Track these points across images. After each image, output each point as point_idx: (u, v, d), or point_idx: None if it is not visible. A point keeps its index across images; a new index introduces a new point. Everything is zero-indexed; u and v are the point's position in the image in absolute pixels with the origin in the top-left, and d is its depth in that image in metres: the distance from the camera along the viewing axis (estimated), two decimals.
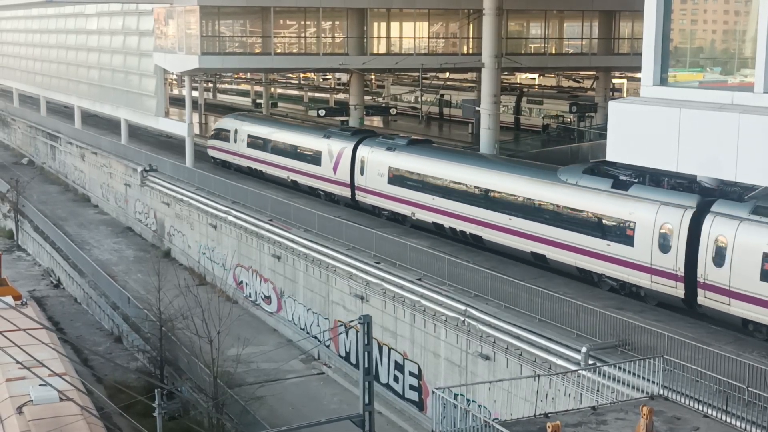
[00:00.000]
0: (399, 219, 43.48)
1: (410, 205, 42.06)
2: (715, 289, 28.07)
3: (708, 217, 28.35)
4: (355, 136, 47.23)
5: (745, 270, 26.90)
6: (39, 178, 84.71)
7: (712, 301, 28.22)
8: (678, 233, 29.25)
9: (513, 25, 70.36)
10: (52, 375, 27.44)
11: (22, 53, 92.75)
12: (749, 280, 26.83)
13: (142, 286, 49.65)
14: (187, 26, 53.99)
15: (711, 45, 21.76)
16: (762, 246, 26.40)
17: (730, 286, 27.48)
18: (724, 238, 27.58)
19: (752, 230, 26.89)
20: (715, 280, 27.98)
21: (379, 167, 43.96)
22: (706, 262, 28.13)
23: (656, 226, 30.05)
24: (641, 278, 30.85)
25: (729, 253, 27.45)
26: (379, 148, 44.68)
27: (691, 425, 20.78)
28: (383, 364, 37.65)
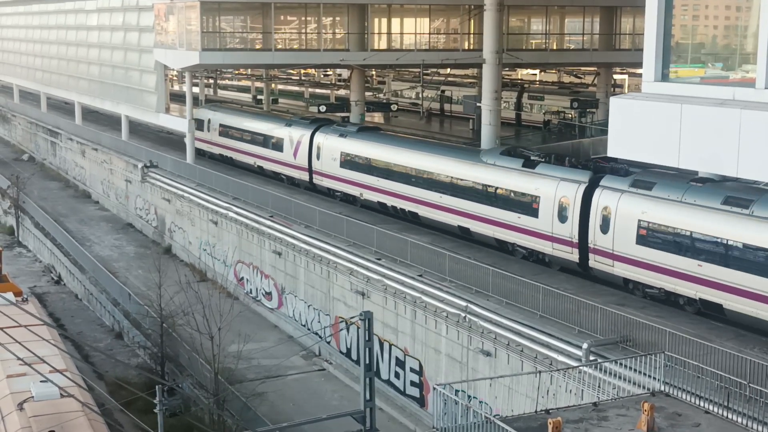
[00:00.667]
0: (350, 200, 47.36)
1: (359, 186, 46.12)
2: (602, 253, 32.01)
3: (597, 190, 32.24)
4: (313, 124, 51.39)
5: (625, 235, 30.89)
6: (39, 174, 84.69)
7: (600, 263, 32.19)
8: (573, 205, 33.21)
9: (514, 20, 70.27)
10: (52, 371, 27.42)
11: (23, 49, 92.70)
12: (628, 244, 30.80)
13: (143, 282, 49.65)
14: (188, 22, 53.93)
15: (712, 41, 21.72)
16: (637, 214, 30.49)
17: (613, 249, 31.44)
18: (609, 208, 31.56)
19: (630, 201, 30.91)
20: (601, 245, 31.93)
21: (333, 152, 48.01)
22: (595, 230, 32.08)
23: (556, 199, 34.03)
24: (545, 246, 34.79)
25: (612, 221, 31.44)
26: (333, 135, 48.80)
27: (693, 421, 20.76)
28: (384, 361, 37.66)
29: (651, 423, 20.01)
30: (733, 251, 27.69)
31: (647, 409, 19.97)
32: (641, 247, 30.39)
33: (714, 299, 28.44)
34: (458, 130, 67.91)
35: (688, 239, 29.07)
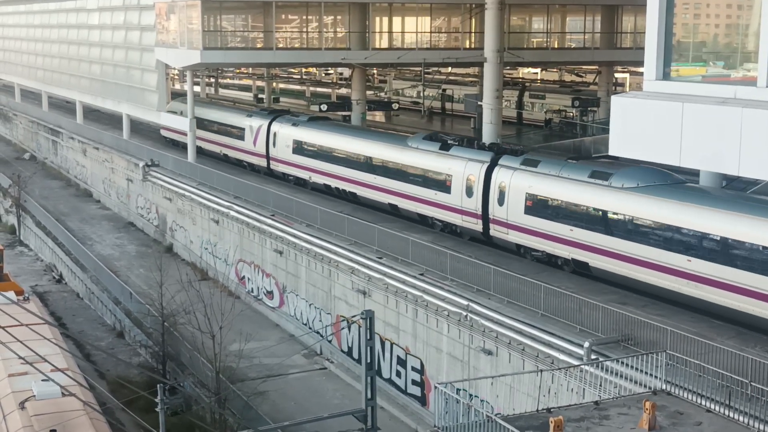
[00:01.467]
0: (302, 183, 51.88)
1: (308, 170, 50.91)
2: (499, 223, 37.07)
3: (496, 168, 37.20)
4: (270, 115, 56.12)
5: (516, 207, 35.92)
6: (41, 173, 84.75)
7: (498, 232, 37.25)
8: (477, 182, 38.05)
9: (515, 19, 70.25)
10: (54, 370, 27.47)
11: (24, 48, 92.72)
12: (518, 214, 35.88)
13: (144, 281, 49.66)
14: (189, 21, 53.94)
15: (714, 39, 21.71)
16: (525, 188, 35.55)
17: (507, 219, 36.49)
18: (504, 184, 36.56)
19: (520, 177, 35.95)
20: (498, 216, 37.01)
21: (286, 140, 52.67)
22: (494, 203, 37.08)
23: (464, 177, 38.80)
24: (456, 218, 39.63)
25: (507, 195, 36.44)
26: (287, 124, 53.50)
27: (694, 420, 20.76)
28: (385, 360, 37.67)
29: (652, 422, 20.01)
30: (596, 216, 32.52)
31: (649, 408, 19.97)
32: (528, 216, 35.42)
33: (582, 258, 33.30)
34: (459, 129, 67.84)
35: (562, 208, 34.02)
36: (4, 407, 28.42)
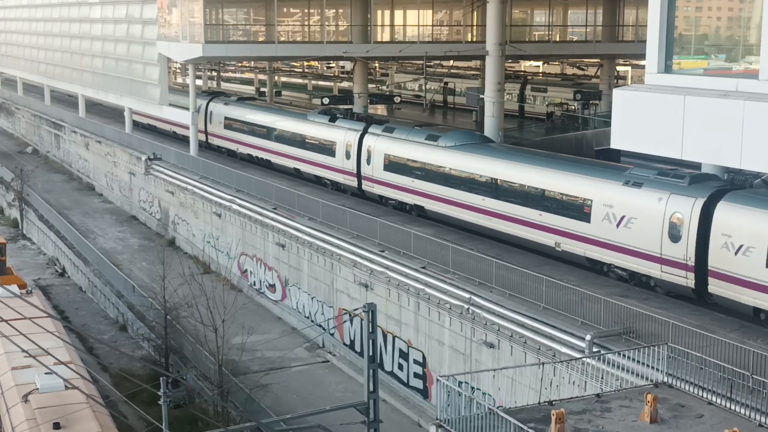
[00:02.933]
0: (233, 154, 59.17)
1: (236, 143, 58.89)
2: (368, 179, 44.78)
3: (365, 135, 45.03)
4: (208, 96, 64.49)
5: (378, 165, 43.78)
6: (43, 166, 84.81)
7: (368, 187, 44.91)
8: (353, 147, 45.61)
9: (517, 12, 70.19)
10: (57, 363, 27.51)
11: (26, 42, 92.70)
12: (380, 171, 43.70)
13: (147, 274, 49.72)
14: (191, 14, 53.90)
15: (716, 32, 21.74)
16: (384, 150, 43.46)
17: (373, 176, 44.28)
18: (371, 147, 44.27)
19: (381, 141, 43.89)
20: (368, 174, 44.72)
21: (219, 117, 60.34)
22: (364, 164, 44.75)
23: (345, 143, 46.38)
24: (340, 178, 47.27)
25: (372, 156, 44.15)
26: (220, 103, 61.54)
27: (696, 412, 20.80)
28: (388, 352, 37.73)
29: (654, 414, 20.05)
30: (428, 170, 40.64)
31: (650, 401, 20.01)
32: (386, 173, 43.34)
33: (420, 204, 41.46)
34: (461, 122, 67.79)
35: (407, 164, 42.07)
36: (7, 400, 28.51)
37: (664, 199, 29.40)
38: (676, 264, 29.06)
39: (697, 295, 29.24)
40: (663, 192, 29.66)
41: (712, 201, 28.09)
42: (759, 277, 26.23)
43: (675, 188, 29.49)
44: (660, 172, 30.89)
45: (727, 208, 27.43)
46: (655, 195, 29.84)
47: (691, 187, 29.27)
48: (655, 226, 29.59)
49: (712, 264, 27.77)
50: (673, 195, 29.28)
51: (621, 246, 30.97)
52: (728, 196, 27.92)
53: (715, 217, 27.62)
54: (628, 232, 30.53)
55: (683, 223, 28.68)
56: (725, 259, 27.23)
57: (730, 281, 27.24)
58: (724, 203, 27.64)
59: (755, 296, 26.53)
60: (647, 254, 30.03)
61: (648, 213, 29.86)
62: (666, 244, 29.30)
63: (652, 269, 30.10)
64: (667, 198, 29.35)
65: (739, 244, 26.68)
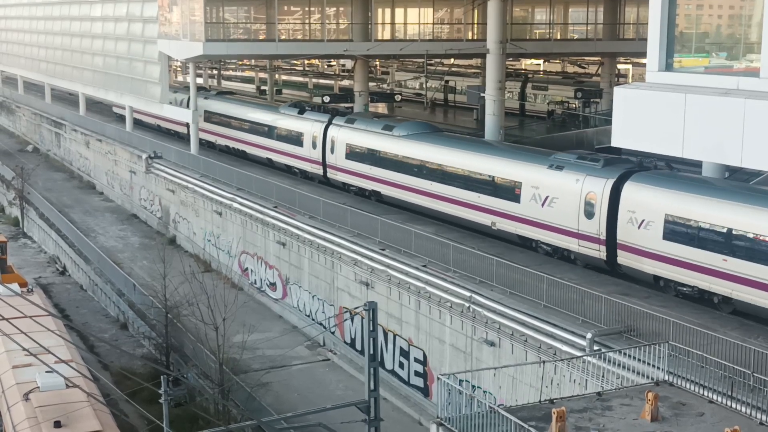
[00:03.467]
0: (212, 145, 61.75)
1: (215, 135, 61.39)
2: (332, 167, 47.95)
3: (330, 126, 48.12)
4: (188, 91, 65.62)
5: (341, 154, 46.82)
6: (44, 165, 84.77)
7: (332, 175, 48.06)
8: (319, 137, 48.71)
9: (518, 10, 70.22)
10: (58, 362, 27.54)
11: (27, 40, 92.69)
12: (342, 159, 46.77)
13: (148, 273, 49.73)
14: (192, 13, 53.88)
15: (717, 30, 21.72)
16: (346, 139, 46.47)
17: (336, 164, 47.36)
18: (334, 137, 47.41)
19: (343, 132, 46.89)
20: (331, 162, 47.85)
21: (199, 111, 59.79)
22: (328, 153, 47.95)
23: (310, 134, 49.61)
24: (308, 167, 50.39)
25: (336, 146, 47.27)
26: (200, 97, 62.14)
27: (697, 411, 20.80)
28: (388, 351, 37.73)
29: (655, 412, 20.06)
30: (384, 158, 43.63)
31: (651, 399, 20.01)
32: (348, 161, 46.34)
33: (378, 189, 44.40)
34: (462, 121, 67.82)
35: (366, 153, 45.04)
36: (8, 399, 28.52)
37: (581, 180, 32.36)
38: (590, 238, 32.04)
39: (609, 266, 31.90)
40: (580, 174, 32.60)
41: (621, 181, 31.00)
42: (657, 247, 29.38)
43: (590, 170, 32.44)
44: (579, 156, 34.24)
45: (632, 188, 30.43)
46: (573, 177, 32.79)
47: (604, 169, 32.12)
48: (573, 205, 32.58)
49: (620, 237, 30.85)
50: (588, 176, 32.22)
51: (546, 224, 34.08)
52: (634, 177, 30.88)
53: (622, 196, 30.61)
54: (552, 211, 33.56)
55: (596, 201, 31.62)
56: (630, 232, 30.26)
57: (634, 252, 30.29)
58: (630, 183, 30.61)
59: (654, 265, 29.71)
60: (567, 230, 33.02)
61: (567, 193, 32.83)
62: (582, 221, 32.28)
63: (571, 244, 33.10)
64: (584, 179, 32.32)
65: (641, 219, 29.79)
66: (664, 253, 29.11)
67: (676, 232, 28.75)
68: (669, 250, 28.95)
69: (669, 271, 29.25)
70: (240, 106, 60.17)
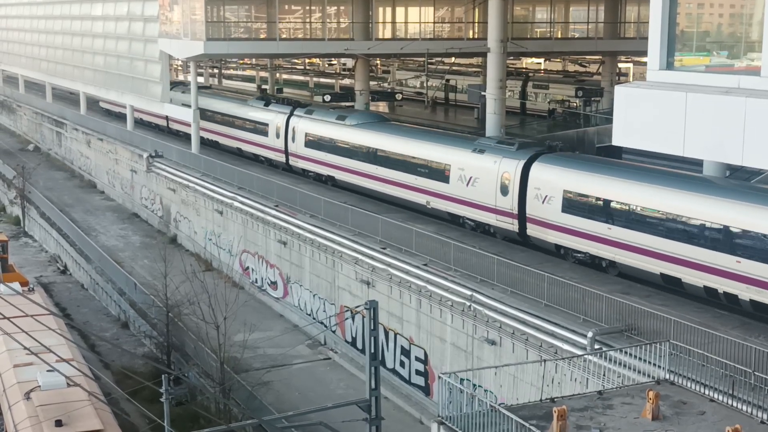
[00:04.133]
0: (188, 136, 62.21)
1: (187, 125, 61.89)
2: (293, 155, 51.72)
3: (291, 117, 51.85)
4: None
5: (300, 143, 50.78)
6: (45, 164, 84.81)
7: (293, 162, 51.80)
8: (282, 127, 52.37)
9: (519, 9, 70.19)
10: (59, 361, 27.54)
11: (28, 39, 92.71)
12: (301, 146, 50.82)
13: (149, 272, 49.77)
14: (192, 12, 53.89)
15: (717, 29, 21.71)
16: (305, 129, 50.28)
17: (297, 152, 51.34)
18: (295, 127, 51.13)
19: (303, 122, 50.84)
20: (292, 150, 51.80)
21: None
22: (290, 141, 51.71)
23: (274, 124, 53.27)
24: (272, 155, 54.19)
25: (297, 135, 51.04)
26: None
27: (698, 409, 20.80)
28: (389, 350, 37.74)
29: (656, 411, 20.06)
30: (337, 145, 47.42)
31: (652, 398, 20.01)
32: (306, 149, 50.12)
33: (332, 175, 47.99)
34: (463, 120, 67.80)
35: (321, 139, 48.93)
36: (9, 398, 28.53)
37: (498, 162, 36.49)
38: (505, 213, 36.24)
39: (521, 238, 36.03)
40: (497, 156, 36.70)
41: (530, 162, 35.20)
42: (557, 220, 33.70)
43: (506, 153, 36.52)
44: (499, 140, 38.72)
45: (538, 168, 34.75)
46: (492, 159, 36.95)
47: (517, 152, 36.22)
48: (492, 184, 36.77)
49: (528, 212, 35.15)
50: (504, 158, 36.28)
51: (470, 201, 38.18)
52: (540, 158, 35.13)
53: (530, 175, 34.88)
54: (475, 190, 37.69)
55: (510, 180, 35.73)
56: (537, 207, 34.60)
57: (540, 225, 34.65)
58: (537, 164, 34.89)
59: (555, 235, 33.98)
60: (487, 207, 37.20)
61: (487, 173, 36.99)
62: (499, 198, 36.48)
63: (490, 219, 37.30)
64: (500, 161, 36.42)
65: (545, 195, 34.05)
66: (563, 225, 33.45)
67: (571, 205, 33.01)
68: (566, 221, 33.23)
69: (567, 240, 33.55)
70: (213, 99, 63.24)
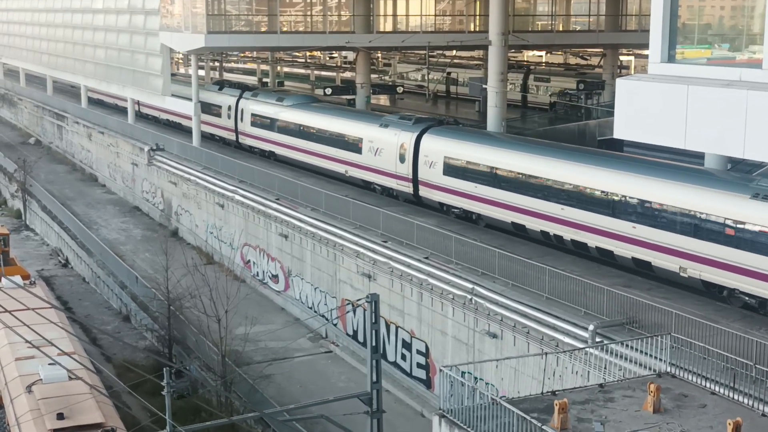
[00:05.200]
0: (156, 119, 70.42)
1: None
2: (242, 134, 57.51)
3: (240, 99, 57.81)
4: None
5: (247, 122, 56.62)
6: (46, 157, 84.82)
7: (242, 140, 57.64)
8: (232, 109, 58.54)
9: (520, 2, 70.02)
10: (61, 354, 27.56)
11: (29, 33, 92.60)
12: (248, 126, 56.49)
13: (150, 265, 49.80)
14: (193, 5, 53.83)
15: (719, 21, 21.65)
16: (251, 110, 56.17)
17: (245, 131, 56.74)
18: (244, 110, 57.06)
19: (250, 103, 56.70)
20: (242, 130, 57.48)
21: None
22: (240, 121, 57.57)
23: (226, 106, 59.35)
24: (225, 134, 60.05)
25: (245, 116, 57.08)
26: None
27: (699, 402, 20.81)
28: (391, 343, 37.77)
29: (657, 404, 20.07)
30: (276, 124, 53.46)
31: (653, 390, 20.02)
32: (253, 128, 56.36)
33: (273, 150, 54.02)
34: (464, 112, 67.72)
35: (263, 119, 54.95)
36: (11, 391, 28.58)
37: (398, 135, 42.60)
38: (403, 179, 42.16)
39: (416, 199, 41.73)
40: (397, 130, 42.87)
41: (422, 134, 41.39)
42: (440, 181, 39.92)
43: (404, 127, 42.69)
44: (401, 116, 44.73)
45: (427, 139, 41.01)
46: (393, 132, 43.11)
47: (413, 125, 42.27)
48: (393, 154, 42.85)
49: (420, 176, 41.31)
50: (402, 131, 42.46)
51: (378, 169, 44.20)
52: (429, 131, 41.40)
53: (421, 145, 41.07)
54: (381, 159, 43.93)
55: (406, 150, 41.68)
56: (426, 172, 40.75)
57: (429, 187, 40.76)
58: (426, 135, 41.16)
59: (440, 195, 40.22)
60: (390, 173, 43.14)
61: (389, 145, 43.26)
62: (398, 166, 42.48)
63: (392, 184, 43.16)
64: (399, 134, 42.59)
65: (431, 161, 40.35)
66: (445, 186, 39.65)
67: (450, 169, 39.32)
68: (447, 183, 39.46)
69: (447, 198, 39.79)
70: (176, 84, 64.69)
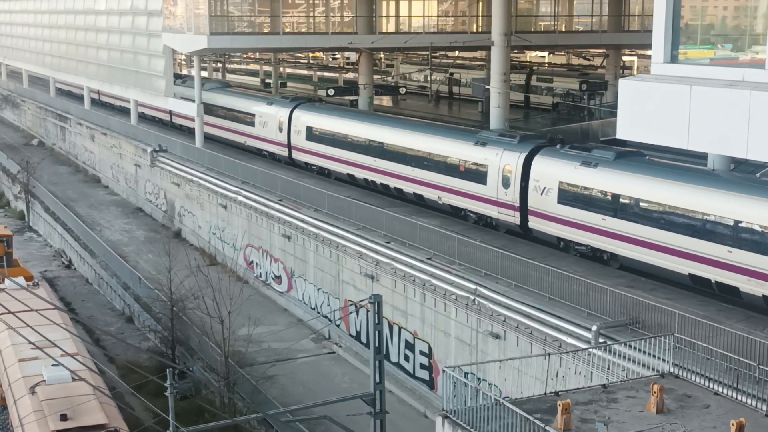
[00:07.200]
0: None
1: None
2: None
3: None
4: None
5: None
6: (49, 159, 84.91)
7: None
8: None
9: (522, 2, 69.94)
10: (64, 355, 27.56)
11: (32, 34, 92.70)
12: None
13: (153, 266, 49.81)
14: (196, 6, 53.85)
15: (722, 22, 21.64)
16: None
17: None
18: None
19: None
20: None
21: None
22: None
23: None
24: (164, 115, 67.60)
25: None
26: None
27: (702, 403, 20.80)
28: (394, 343, 37.75)
29: (660, 405, 20.06)
30: (212, 110, 60.28)
31: (656, 391, 20.01)
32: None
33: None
34: (467, 113, 67.70)
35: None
36: (15, 392, 28.60)
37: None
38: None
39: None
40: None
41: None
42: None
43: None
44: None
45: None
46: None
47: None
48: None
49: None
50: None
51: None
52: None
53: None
54: (267, 131, 54.19)
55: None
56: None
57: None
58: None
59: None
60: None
61: (274, 118, 53.68)
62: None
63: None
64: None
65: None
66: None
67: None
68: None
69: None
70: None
